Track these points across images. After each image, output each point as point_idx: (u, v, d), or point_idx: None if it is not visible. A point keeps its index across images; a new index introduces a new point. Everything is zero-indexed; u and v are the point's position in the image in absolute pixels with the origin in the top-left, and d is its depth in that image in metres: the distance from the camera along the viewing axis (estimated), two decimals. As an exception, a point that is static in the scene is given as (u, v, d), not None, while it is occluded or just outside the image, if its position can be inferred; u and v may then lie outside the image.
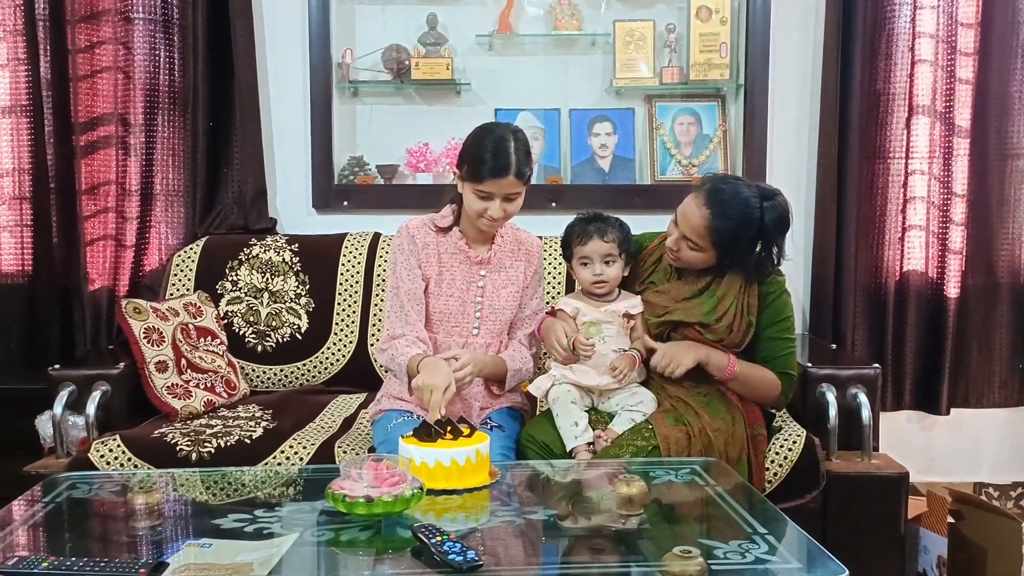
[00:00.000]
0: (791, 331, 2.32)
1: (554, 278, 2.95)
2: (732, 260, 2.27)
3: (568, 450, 2.21)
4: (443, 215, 2.40)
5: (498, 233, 2.40)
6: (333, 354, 2.93)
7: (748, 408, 2.29)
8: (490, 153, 2.21)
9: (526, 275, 2.43)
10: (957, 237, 3.14)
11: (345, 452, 2.33)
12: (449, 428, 1.89)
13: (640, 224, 2.56)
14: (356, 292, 2.96)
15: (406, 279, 2.34)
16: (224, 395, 2.70)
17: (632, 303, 2.35)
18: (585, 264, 2.34)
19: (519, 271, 2.43)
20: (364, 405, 2.70)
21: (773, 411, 2.52)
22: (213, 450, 2.32)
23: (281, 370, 2.92)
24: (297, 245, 3.03)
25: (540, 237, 2.98)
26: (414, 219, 2.42)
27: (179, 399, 2.57)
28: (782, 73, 3.21)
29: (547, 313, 2.44)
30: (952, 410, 3.20)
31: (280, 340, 2.93)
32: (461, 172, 2.29)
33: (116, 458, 2.32)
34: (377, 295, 2.95)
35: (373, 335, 2.91)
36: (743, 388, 2.28)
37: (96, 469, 2.29)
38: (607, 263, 2.32)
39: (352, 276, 2.98)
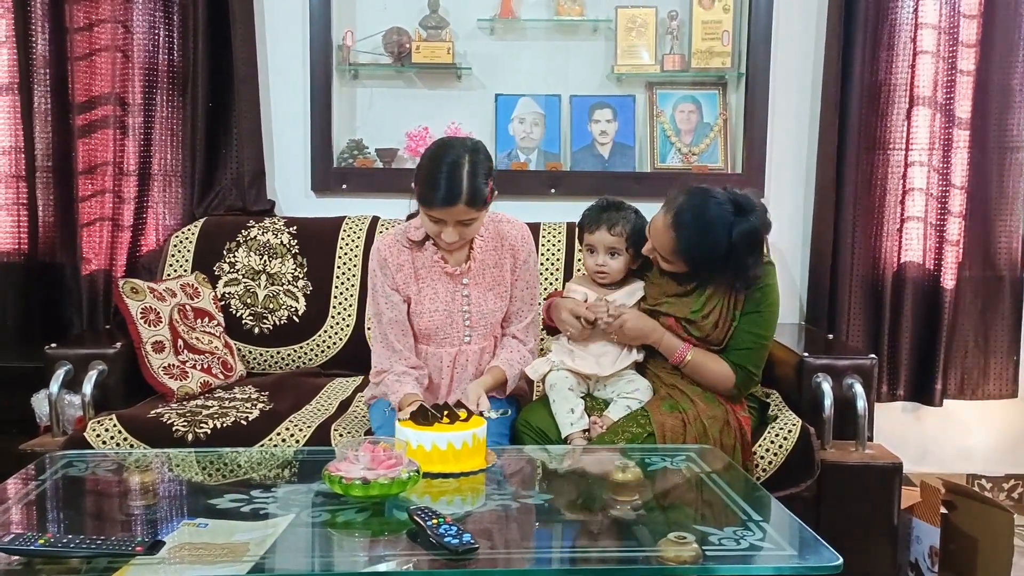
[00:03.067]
0: (764, 327, 2.28)
1: (552, 263, 2.95)
2: (704, 274, 2.25)
3: (563, 437, 2.21)
4: (416, 226, 2.29)
5: (477, 234, 2.29)
6: (330, 337, 2.93)
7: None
8: (443, 179, 2.10)
9: (513, 270, 2.36)
10: (955, 229, 3.14)
11: (341, 435, 2.33)
12: (446, 412, 1.89)
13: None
14: (354, 276, 2.96)
15: (385, 308, 2.29)
16: (221, 376, 2.70)
17: (634, 288, 2.35)
18: (591, 252, 2.34)
19: (504, 269, 2.35)
20: (360, 388, 2.70)
21: (767, 401, 2.53)
22: (209, 431, 2.32)
23: (278, 352, 2.92)
24: (295, 228, 3.03)
25: (538, 224, 2.99)
26: (385, 236, 2.34)
27: (176, 380, 2.57)
28: (784, 62, 3.20)
29: (552, 295, 2.44)
30: (946, 402, 3.21)
31: (277, 322, 2.93)
32: (415, 192, 2.18)
33: (112, 437, 2.32)
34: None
35: (370, 319, 2.91)
36: (695, 376, 2.28)
37: (92, 448, 2.29)
38: (611, 255, 2.32)
39: (350, 259, 2.98)
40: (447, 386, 2.34)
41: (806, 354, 2.54)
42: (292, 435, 2.34)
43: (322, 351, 2.93)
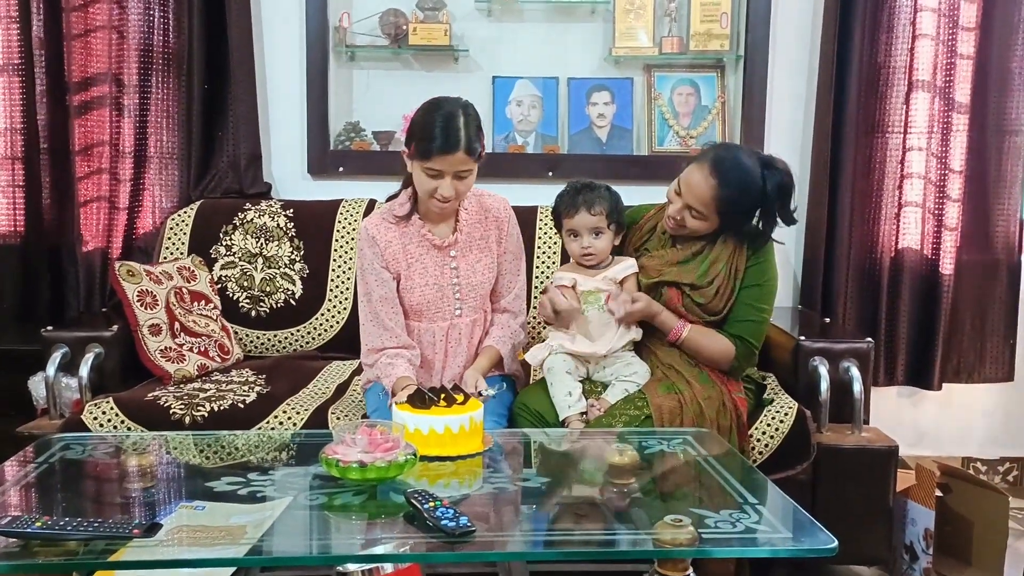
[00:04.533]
0: (764, 300, 2.30)
1: (548, 247, 2.94)
2: (733, 227, 2.28)
3: (561, 419, 2.22)
4: (400, 202, 2.32)
5: (462, 207, 2.33)
6: (327, 320, 2.92)
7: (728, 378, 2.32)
8: (439, 128, 2.13)
9: (499, 242, 2.39)
10: (953, 213, 3.14)
11: (338, 418, 2.33)
12: (443, 395, 1.89)
13: (637, 195, 2.55)
14: (351, 259, 2.95)
15: (375, 286, 2.29)
16: (217, 359, 2.70)
17: (627, 265, 2.34)
18: (573, 236, 2.33)
19: (490, 241, 2.37)
20: (357, 372, 2.69)
21: (764, 383, 2.53)
22: (206, 414, 2.32)
23: (275, 335, 2.92)
24: (292, 210, 3.02)
25: (536, 207, 3.00)
26: (372, 216, 2.35)
27: (172, 363, 2.57)
28: (782, 44, 3.19)
29: (542, 292, 2.44)
30: (942, 385, 3.21)
31: (274, 305, 2.92)
32: (410, 150, 2.21)
33: (109, 420, 2.33)
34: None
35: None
36: (693, 352, 2.29)
37: (89, 431, 2.29)
38: (595, 235, 2.31)
39: (347, 242, 2.97)
40: (441, 361, 2.35)
41: (802, 338, 2.55)
42: (289, 418, 2.34)
43: (319, 334, 2.93)
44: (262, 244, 2.96)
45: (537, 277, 2.89)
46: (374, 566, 1.76)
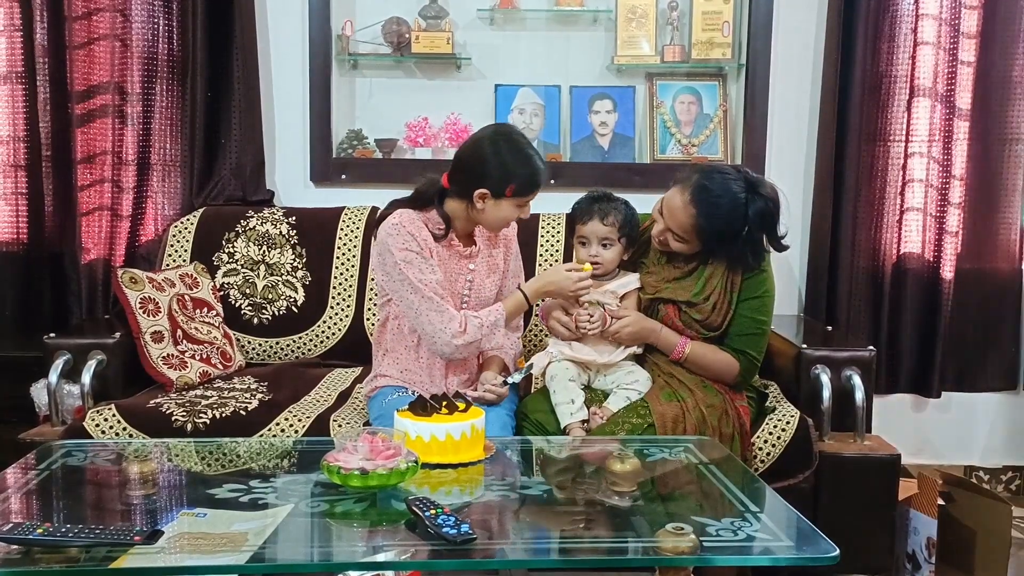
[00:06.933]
0: (763, 312, 2.30)
1: (551, 254, 2.94)
2: (717, 251, 2.27)
3: (562, 427, 2.22)
4: (436, 222, 2.32)
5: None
6: (329, 327, 2.93)
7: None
8: (539, 162, 2.23)
9: (506, 261, 2.44)
10: (954, 220, 3.14)
11: (340, 425, 2.33)
12: (445, 403, 1.89)
13: (638, 203, 2.54)
14: (353, 266, 2.96)
15: (429, 272, 2.24)
16: (219, 366, 2.70)
17: (629, 280, 2.35)
18: (583, 244, 2.34)
19: (499, 258, 2.44)
20: (359, 379, 2.70)
21: (766, 392, 2.53)
22: (208, 421, 2.32)
23: (277, 343, 2.92)
24: (294, 218, 3.02)
25: (538, 215, 3.01)
26: (402, 215, 2.29)
27: (175, 370, 2.57)
28: (784, 53, 3.19)
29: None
30: (945, 393, 3.21)
31: (276, 313, 2.93)
32: (507, 192, 2.20)
33: (111, 427, 2.33)
34: (374, 269, 2.94)
35: (369, 309, 2.91)
36: (696, 368, 2.29)
37: (91, 438, 2.29)
38: (604, 246, 2.32)
39: (349, 250, 2.97)
40: (442, 372, 2.36)
41: (805, 346, 2.55)
42: (291, 425, 2.34)
43: (321, 341, 2.93)
44: (264, 251, 2.97)
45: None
46: (375, 573, 1.76)
